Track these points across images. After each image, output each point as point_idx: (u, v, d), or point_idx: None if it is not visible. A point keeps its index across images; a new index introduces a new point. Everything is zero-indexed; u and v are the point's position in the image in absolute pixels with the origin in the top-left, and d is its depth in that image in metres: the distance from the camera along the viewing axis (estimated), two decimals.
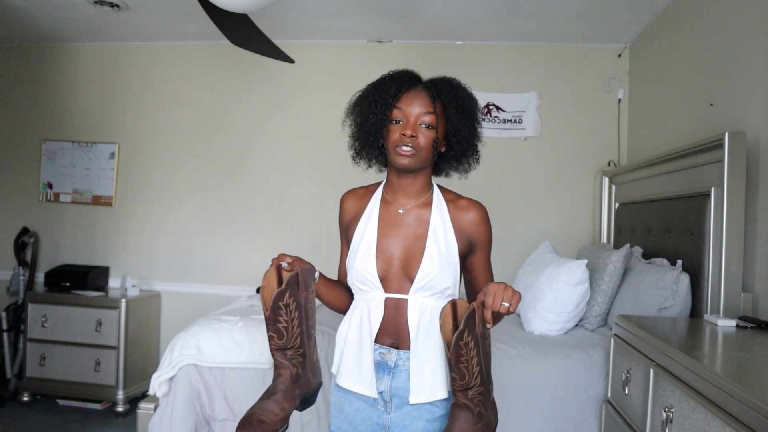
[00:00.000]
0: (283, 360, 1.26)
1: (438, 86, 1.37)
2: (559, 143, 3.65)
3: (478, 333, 1.13)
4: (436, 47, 3.73)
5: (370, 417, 1.37)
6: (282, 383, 1.25)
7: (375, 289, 1.36)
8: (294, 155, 3.83)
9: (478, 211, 1.39)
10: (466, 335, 1.10)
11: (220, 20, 2.24)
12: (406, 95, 1.35)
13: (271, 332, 1.23)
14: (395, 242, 1.38)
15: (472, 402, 1.16)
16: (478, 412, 1.17)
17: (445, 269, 1.33)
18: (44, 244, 4.03)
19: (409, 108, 1.33)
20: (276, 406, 1.22)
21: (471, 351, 1.12)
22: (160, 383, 2.26)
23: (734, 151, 2.09)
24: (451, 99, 1.35)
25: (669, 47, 3.02)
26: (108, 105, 4.01)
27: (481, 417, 1.17)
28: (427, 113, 1.33)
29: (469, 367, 1.13)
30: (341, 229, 1.51)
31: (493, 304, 1.14)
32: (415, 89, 1.36)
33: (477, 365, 1.14)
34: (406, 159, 1.33)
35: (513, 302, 1.14)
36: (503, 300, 1.14)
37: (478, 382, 1.15)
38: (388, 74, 1.39)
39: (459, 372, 1.13)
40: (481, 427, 1.18)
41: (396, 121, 1.34)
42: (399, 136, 1.33)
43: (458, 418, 1.16)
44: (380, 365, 1.35)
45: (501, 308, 1.13)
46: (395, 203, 1.42)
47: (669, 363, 1.50)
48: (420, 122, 1.33)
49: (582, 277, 2.50)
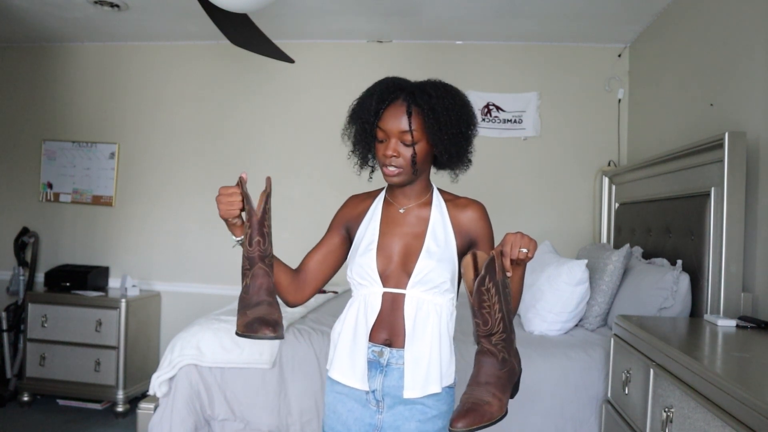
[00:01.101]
0: (265, 267, 1.28)
1: (416, 97, 1.33)
2: (559, 143, 3.66)
3: (498, 281, 1.17)
4: (436, 47, 3.73)
5: (362, 417, 1.37)
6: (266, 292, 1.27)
7: (373, 284, 1.37)
8: (294, 155, 3.83)
9: (476, 209, 1.42)
10: (487, 281, 1.15)
11: (220, 20, 2.24)
12: (386, 112, 1.34)
13: (258, 237, 1.26)
14: (395, 240, 1.40)
15: (496, 348, 1.20)
16: (502, 357, 1.21)
17: (442, 263, 1.35)
18: (44, 244, 4.03)
19: (388, 126, 1.33)
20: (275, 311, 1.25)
21: (492, 297, 1.16)
22: (160, 383, 2.26)
23: (734, 151, 2.09)
24: (429, 111, 1.31)
25: (669, 47, 3.02)
26: (108, 105, 4.01)
27: (505, 363, 1.21)
28: (405, 132, 1.32)
29: (491, 313, 1.17)
30: (335, 219, 1.51)
31: (511, 252, 1.18)
32: (394, 104, 1.34)
33: (499, 312, 1.18)
34: (393, 177, 1.36)
35: (530, 248, 1.18)
36: (521, 246, 1.18)
37: (500, 328, 1.19)
38: (372, 87, 1.38)
39: (482, 317, 1.18)
40: (506, 372, 1.21)
41: (380, 140, 1.36)
42: (382, 156, 1.35)
43: (483, 364, 1.20)
44: (373, 363, 1.36)
45: (519, 254, 1.18)
46: (396, 204, 1.45)
47: (669, 363, 1.50)
48: (400, 140, 1.34)
49: (582, 277, 2.50)
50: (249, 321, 1.22)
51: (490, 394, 1.17)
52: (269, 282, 1.29)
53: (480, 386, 1.18)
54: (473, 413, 1.13)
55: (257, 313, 1.23)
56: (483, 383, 1.19)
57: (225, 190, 1.30)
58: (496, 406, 1.16)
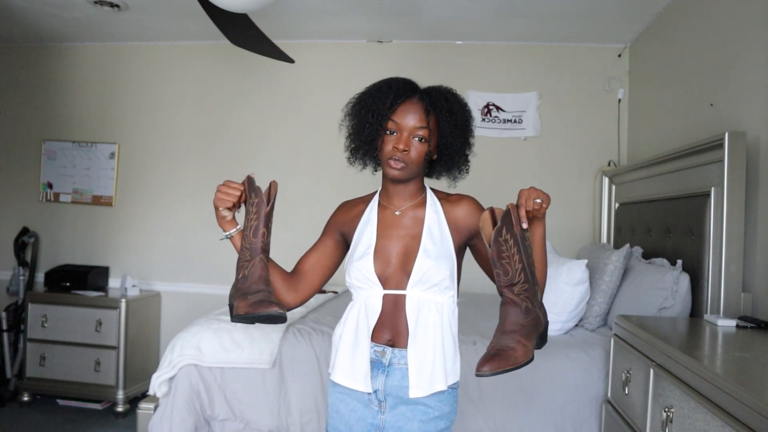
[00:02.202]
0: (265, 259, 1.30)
1: (433, 98, 1.38)
2: (559, 143, 3.66)
3: (516, 233, 1.19)
4: (436, 47, 3.73)
5: (364, 417, 1.37)
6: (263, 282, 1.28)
7: (373, 286, 1.37)
8: (294, 155, 3.83)
9: (469, 202, 1.43)
10: (504, 232, 1.17)
11: (220, 20, 2.25)
12: (401, 107, 1.36)
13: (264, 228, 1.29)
14: (393, 243, 1.40)
15: (519, 297, 1.21)
16: (526, 307, 1.21)
17: (440, 261, 1.35)
18: (44, 244, 4.03)
19: (404, 121, 1.35)
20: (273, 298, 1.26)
21: (511, 248, 1.18)
22: (160, 383, 2.26)
23: (734, 151, 2.09)
24: (446, 113, 1.37)
25: (669, 47, 3.02)
26: (108, 105, 4.01)
27: (529, 312, 1.22)
28: (421, 128, 1.35)
29: (511, 263, 1.18)
30: (328, 224, 1.52)
31: (526, 203, 1.21)
32: (411, 101, 1.37)
33: (519, 262, 1.19)
34: (396, 171, 1.36)
35: (544, 198, 1.21)
36: (535, 198, 1.21)
37: (522, 278, 1.20)
38: (385, 82, 1.40)
39: (502, 268, 1.19)
40: (531, 321, 1.22)
41: (390, 132, 1.36)
42: (392, 149, 1.35)
43: (508, 313, 1.21)
44: (375, 364, 1.36)
45: (534, 205, 1.21)
46: (391, 207, 1.45)
47: (669, 363, 1.50)
48: (413, 135, 1.35)
49: (582, 277, 2.50)
50: (253, 302, 1.23)
51: (515, 341, 1.18)
52: (267, 274, 1.30)
53: (505, 334, 1.19)
54: (498, 358, 1.14)
55: (259, 297, 1.24)
56: (508, 332, 1.20)
57: (230, 183, 1.35)
58: (521, 351, 1.17)
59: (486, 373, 1.12)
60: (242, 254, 1.31)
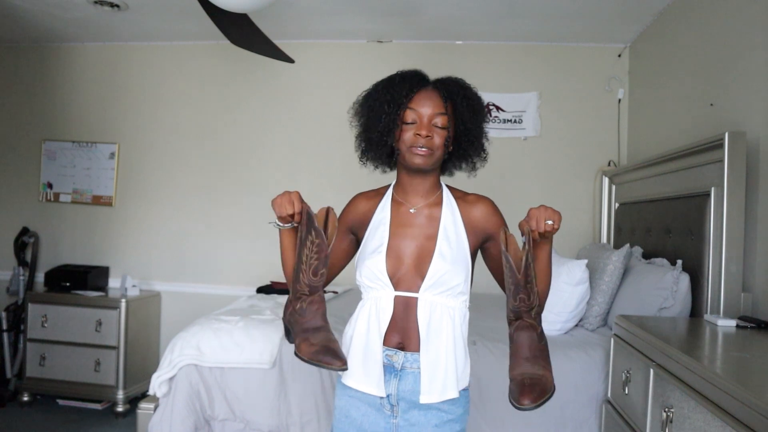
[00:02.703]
0: (323, 295, 1.31)
1: (448, 86, 1.38)
2: (559, 143, 3.66)
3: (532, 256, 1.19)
4: (436, 47, 3.73)
5: (377, 421, 1.35)
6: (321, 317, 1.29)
7: (384, 287, 1.34)
8: (294, 155, 3.83)
9: (487, 204, 1.42)
10: (530, 257, 1.17)
11: (220, 20, 2.25)
12: (417, 96, 1.35)
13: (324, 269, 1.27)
14: (407, 242, 1.37)
15: (535, 321, 1.22)
16: (540, 331, 1.22)
17: (456, 265, 1.33)
18: (44, 244, 4.03)
19: (422, 109, 1.34)
20: (333, 337, 1.26)
21: (532, 272, 1.18)
22: (160, 383, 2.26)
23: (734, 151, 2.09)
24: (462, 99, 1.37)
25: (669, 47, 3.02)
26: (108, 105, 4.01)
27: (542, 336, 1.23)
28: (440, 114, 1.35)
29: (532, 287, 1.19)
30: (341, 221, 1.49)
31: (538, 226, 1.20)
32: (426, 90, 1.36)
33: (536, 285, 1.20)
34: (421, 159, 1.34)
35: (555, 219, 1.20)
36: (546, 219, 1.19)
37: (537, 302, 1.21)
38: (398, 74, 1.39)
39: (526, 292, 1.19)
40: (543, 345, 1.22)
41: (409, 122, 1.35)
42: (414, 137, 1.33)
43: (526, 338, 1.21)
44: (387, 368, 1.33)
45: (546, 227, 1.19)
46: (406, 203, 1.42)
47: (669, 363, 1.50)
48: (433, 123, 1.34)
49: (582, 277, 2.50)
50: (316, 349, 1.22)
51: (541, 367, 1.17)
52: (324, 307, 1.30)
53: (528, 361, 1.19)
54: (537, 387, 1.13)
55: (322, 340, 1.23)
56: (530, 357, 1.19)
57: (292, 197, 1.30)
58: (550, 378, 1.16)
59: (529, 406, 1.10)
60: (299, 288, 1.29)
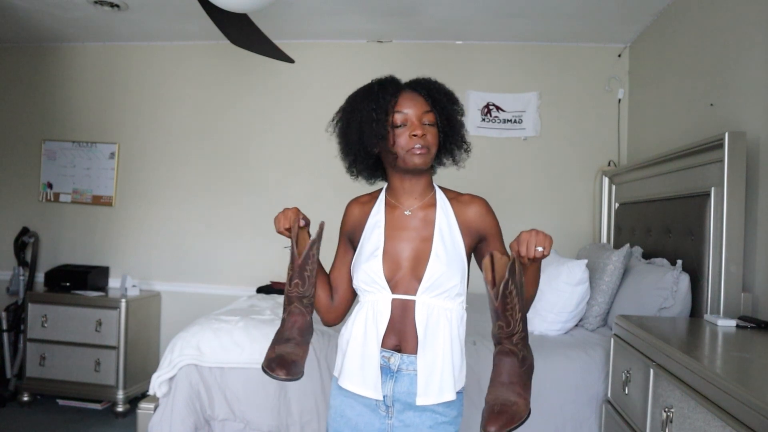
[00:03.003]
0: (301, 307, 1.34)
1: (424, 86, 1.40)
2: (559, 143, 3.66)
3: (518, 281, 1.18)
4: (436, 47, 3.73)
5: (372, 422, 1.36)
6: (299, 330, 1.33)
7: (381, 290, 1.35)
8: (294, 155, 3.83)
9: (481, 204, 1.42)
10: (510, 284, 1.16)
11: (220, 20, 2.24)
12: (401, 99, 1.36)
13: (297, 279, 1.32)
14: (403, 245, 1.38)
15: (516, 347, 1.21)
16: (522, 356, 1.22)
17: (452, 267, 1.34)
18: (44, 244, 4.03)
19: (410, 110, 1.36)
20: (299, 350, 1.31)
21: (514, 299, 1.17)
22: (160, 383, 2.26)
23: (734, 151, 2.09)
24: (441, 95, 1.39)
25: (669, 47, 3.02)
26: (108, 105, 4.01)
27: (525, 361, 1.22)
28: (427, 112, 1.37)
29: (513, 314, 1.18)
30: (342, 233, 1.51)
31: (528, 252, 1.18)
32: (407, 92, 1.38)
33: (519, 312, 1.19)
34: (420, 158, 1.35)
35: (546, 245, 1.18)
36: (536, 245, 1.18)
37: (520, 328, 1.20)
38: (373, 82, 1.40)
39: (505, 320, 1.18)
40: (526, 369, 1.22)
41: (399, 125, 1.35)
42: (410, 138, 1.34)
43: (505, 364, 1.21)
44: (383, 369, 1.34)
45: (536, 253, 1.18)
46: (400, 206, 1.43)
47: (669, 363, 1.50)
48: (422, 122, 1.36)
49: (582, 277, 2.50)
50: (271, 357, 1.28)
51: (516, 394, 1.17)
52: (303, 321, 1.34)
53: (504, 386, 1.19)
54: (504, 415, 1.13)
55: (281, 350, 1.29)
56: (507, 383, 1.19)
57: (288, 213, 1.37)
58: (523, 405, 1.17)
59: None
60: (285, 298, 1.38)
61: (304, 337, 1.35)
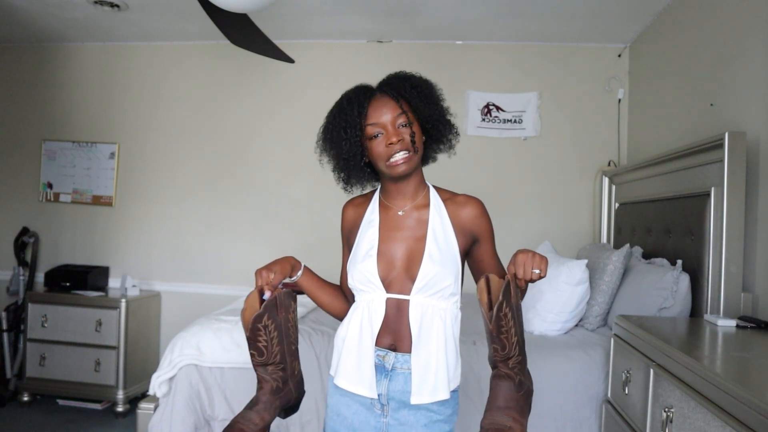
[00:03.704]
0: (264, 375, 1.33)
1: (393, 85, 1.38)
2: (559, 143, 3.66)
3: (513, 304, 1.17)
4: (436, 47, 3.73)
5: (367, 420, 1.36)
6: (264, 395, 1.33)
7: (376, 290, 1.36)
8: (294, 155, 3.83)
9: (475, 205, 1.41)
10: (504, 306, 1.15)
11: (220, 20, 2.24)
12: (370, 108, 1.35)
13: (252, 350, 1.31)
14: (397, 245, 1.39)
15: (513, 371, 1.20)
16: (519, 380, 1.21)
17: (445, 267, 1.34)
18: (44, 244, 4.03)
19: (381, 118, 1.34)
20: (257, 417, 1.30)
21: (509, 322, 1.16)
22: (160, 383, 2.26)
23: (734, 151, 2.09)
24: (411, 90, 1.37)
25: (669, 47, 3.02)
26: (108, 105, 4.01)
27: (522, 385, 1.21)
28: (399, 114, 1.35)
29: (508, 338, 1.17)
30: (343, 236, 1.53)
31: (525, 274, 1.18)
32: (375, 99, 1.37)
33: (515, 335, 1.18)
34: (402, 167, 1.34)
35: (542, 267, 1.18)
36: (533, 267, 1.17)
37: (516, 351, 1.19)
38: (343, 97, 1.40)
39: (500, 343, 1.17)
40: (523, 395, 1.21)
41: (374, 136, 1.35)
42: (387, 147, 1.34)
43: (501, 388, 1.20)
44: (378, 368, 1.35)
45: (533, 275, 1.18)
46: (394, 207, 1.43)
47: (669, 363, 1.50)
48: (397, 125, 1.35)
49: (582, 277, 2.50)
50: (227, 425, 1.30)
51: (511, 419, 1.17)
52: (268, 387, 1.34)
53: (500, 411, 1.18)
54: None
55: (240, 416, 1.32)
56: (503, 407, 1.18)
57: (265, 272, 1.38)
58: (518, 429, 1.16)
59: None
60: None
61: (270, 403, 1.32)
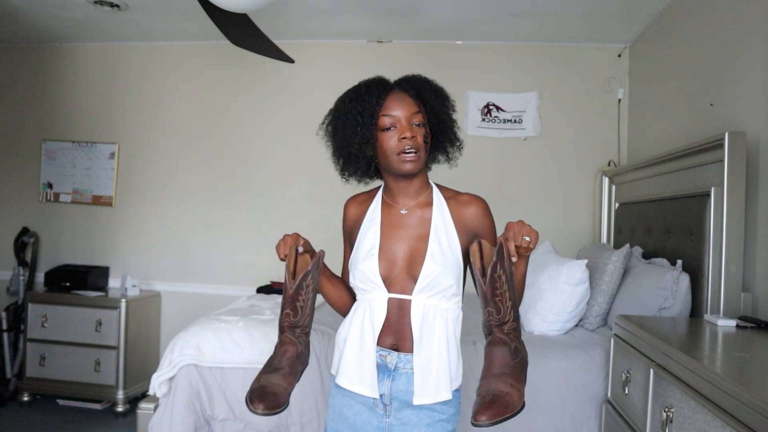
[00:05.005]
0: (292, 337, 1.32)
1: (413, 84, 1.38)
2: (559, 143, 3.66)
3: (507, 268, 1.17)
4: (436, 47, 3.73)
5: (370, 420, 1.36)
6: (288, 359, 1.30)
7: (377, 289, 1.35)
8: (294, 155, 3.83)
9: (479, 205, 1.40)
10: (498, 268, 1.15)
11: (220, 20, 2.24)
12: (388, 100, 1.34)
13: (288, 309, 1.30)
14: (399, 244, 1.38)
15: (508, 337, 1.20)
16: (515, 347, 1.20)
17: (447, 267, 1.33)
18: (44, 244, 4.03)
19: (398, 112, 1.33)
20: (284, 381, 1.27)
21: (504, 284, 1.16)
22: (160, 383, 2.26)
23: (734, 151, 2.09)
24: (430, 93, 1.37)
25: (669, 47, 3.02)
26: (108, 105, 4.01)
27: (518, 352, 1.20)
28: (416, 113, 1.34)
29: (503, 301, 1.17)
30: (345, 233, 1.52)
31: (515, 238, 1.20)
32: (394, 93, 1.36)
33: (509, 299, 1.18)
34: (411, 164, 1.33)
35: (532, 236, 1.20)
36: (523, 235, 1.19)
37: (511, 316, 1.19)
38: (361, 84, 1.39)
39: (495, 305, 1.17)
40: (519, 362, 1.20)
41: (387, 128, 1.33)
42: (399, 142, 1.32)
43: (497, 354, 1.19)
44: (380, 368, 1.34)
45: (522, 242, 1.19)
46: (396, 205, 1.42)
47: (669, 363, 1.50)
48: (411, 123, 1.34)
49: (582, 277, 2.50)
50: (254, 388, 1.24)
51: (508, 385, 1.14)
52: (294, 351, 1.32)
53: (496, 377, 1.16)
54: (495, 405, 1.10)
55: (266, 380, 1.25)
56: (498, 374, 1.16)
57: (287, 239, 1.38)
58: (516, 396, 1.13)
59: (484, 423, 1.08)
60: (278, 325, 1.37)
61: (294, 367, 1.30)
